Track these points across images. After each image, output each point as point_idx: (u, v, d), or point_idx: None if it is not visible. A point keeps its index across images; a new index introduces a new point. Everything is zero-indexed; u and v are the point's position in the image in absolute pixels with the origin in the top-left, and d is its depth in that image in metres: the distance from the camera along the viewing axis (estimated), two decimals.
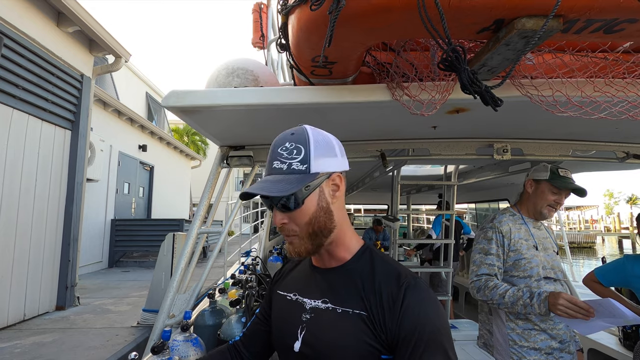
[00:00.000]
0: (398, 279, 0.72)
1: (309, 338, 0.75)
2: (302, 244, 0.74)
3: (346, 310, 0.72)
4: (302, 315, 0.78)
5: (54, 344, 3.25)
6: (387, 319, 0.68)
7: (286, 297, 0.86)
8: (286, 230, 0.75)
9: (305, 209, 0.74)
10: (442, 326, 0.68)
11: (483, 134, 2.01)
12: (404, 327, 0.67)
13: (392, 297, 0.69)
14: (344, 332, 0.70)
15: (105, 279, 6.61)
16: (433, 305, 0.70)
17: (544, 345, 1.50)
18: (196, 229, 2.01)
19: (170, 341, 1.35)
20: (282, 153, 0.74)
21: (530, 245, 1.59)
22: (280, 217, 0.74)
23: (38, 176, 4.25)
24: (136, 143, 9.66)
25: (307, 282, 0.84)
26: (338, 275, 0.79)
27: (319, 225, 0.74)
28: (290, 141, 0.75)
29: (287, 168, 0.72)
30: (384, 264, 0.78)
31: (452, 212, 3.72)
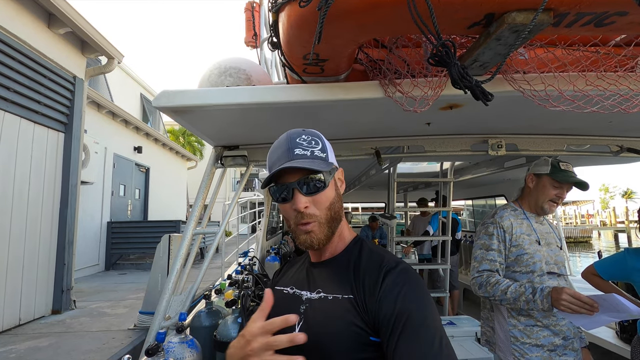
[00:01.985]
0: (380, 263, 0.75)
1: (305, 328, 0.76)
2: (321, 230, 0.77)
3: (336, 296, 0.75)
4: (299, 308, 0.80)
5: (49, 348, 3.22)
6: (368, 301, 0.71)
7: (283, 291, 0.88)
8: (307, 216, 0.76)
9: (328, 192, 0.79)
10: (423, 308, 0.68)
11: (477, 129, 2.01)
12: (382, 309, 0.68)
13: (373, 280, 0.72)
14: (335, 317, 0.73)
15: (101, 282, 6.57)
16: (414, 287, 0.71)
17: (546, 342, 1.47)
18: (191, 230, 2.00)
19: (165, 343, 1.34)
20: (302, 142, 0.78)
21: (532, 240, 1.57)
22: (304, 201, 0.75)
23: (31, 180, 4.21)
24: (131, 145, 9.60)
25: (304, 276, 0.87)
26: (331, 266, 0.82)
27: (335, 211, 0.79)
28: (306, 134, 0.81)
29: (310, 154, 0.77)
30: (371, 252, 0.81)
31: (448, 208, 3.73)
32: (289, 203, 0.77)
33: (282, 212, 0.83)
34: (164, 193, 11.56)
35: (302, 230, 0.77)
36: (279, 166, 0.75)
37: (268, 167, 0.82)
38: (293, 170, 0.76)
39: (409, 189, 5.50)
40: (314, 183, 0.76)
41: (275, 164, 0.77)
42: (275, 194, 0.80)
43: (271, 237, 5.29)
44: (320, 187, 0.77)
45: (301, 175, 0.76)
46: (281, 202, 0.80)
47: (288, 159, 0.76)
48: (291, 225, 0.81)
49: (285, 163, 0.75)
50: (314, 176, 0.76)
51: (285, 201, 0.78)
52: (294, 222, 0.79)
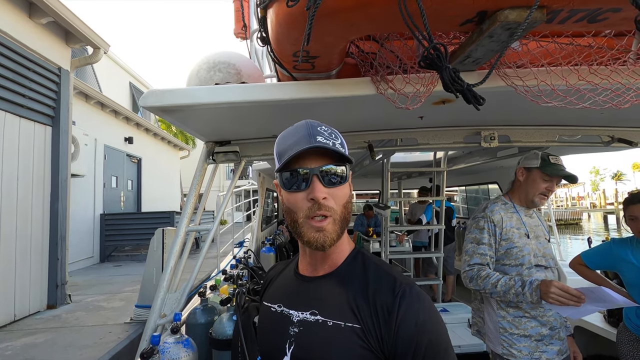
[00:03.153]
0: (393, 288, 0.68)
1: (299, 353, 0.70)
2: (334, 229, 0.69)
3: (338, 324, 0.68)
4: (289, 329, 0.73)
5: (45, 344, 3.23)
6: (383, 331, 0.65)
7: (270, 309, 0.81)
8: (324, 208, 0.68)
9: (346, 188, 0.73)
10: (441, 335, 0.65)
11: (470, 122, 2.00)
12: (401, 339, 0.63)
13: (387, 308, 0.65)
14: (338, 347, 0.66)
15: (97, 275, 6.56)
16: (430, 313, 0.66)
17: (534, 332, 1.52)
18: (184, 227, 1.99)
19: (160, 344, 1.35)
20: (323, 132, 0.71)
21: (522, 234, 1.60)
22: (324, 191, 0.68)
23: (20, 175, 4.14)
24: (122, 135, 9.45)
25: (292, 292, 0.79)
26: (327, 283, 0.74)
27: (348, 210, 0.73)
28: (325, 126, 0.74)
29: (332, 145, 0.69)
30: (377, 270, 0.73)
31: (442, 197, 3.76)
32: (304, 192, 0.69)
33: (289, 204, 0.72)
34: (157, 183, 11.47)
35: (315, 226, 0.68)
36: (300, 148, 0.67)
37: (279, 153, 0.73)
38: (315, 155, 0.69)
39: (403, 177, 5.52)
40: (335, 175, 0.70)
41: (293, 147, 0.69)
42: (288, 181, 0.71)
43: (266, 227, 5.30)
44: (342, 181, 0.70)
45: (323, 162, 0.69)
46: (293, 191, 0.70)
47: (306, 145, 0.68)
48: (299, 219, 0.70)
49: (311, 144, 0.68)
50: (336, 168, 0.70)
51: (297, 189, 0.70)
52: (304, 215, 0.69)
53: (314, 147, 0.68)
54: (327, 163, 0.70)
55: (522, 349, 1.51)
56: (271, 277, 0.91)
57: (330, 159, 0.70)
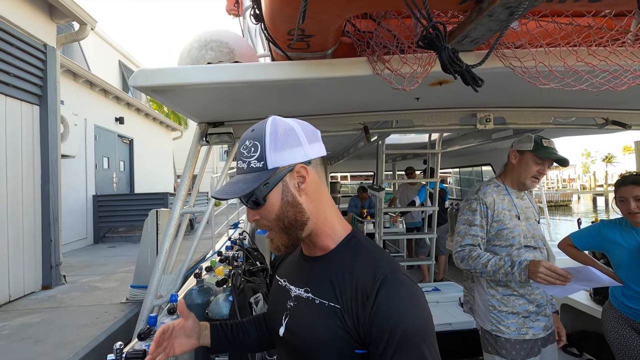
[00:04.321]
0: (375, 273, 0.68)
1: (291, 325, 0.76)
2: (279, 238, 0.74)
3: (323, 302, 0.71)
4: (287, 302, 0.79)
5: (42, 324, 3.25)
6: (359, 315, 0.66)
7: (278, 282, 0.87)
8: (260, 226, 0.75)
9: (269, 205, 0.73)
10: (419, 325, 0.64)
11: (466, 103, 1.99)
12: (375, 325, 0.64)
13: (366, 292, 0.66)
14: (320, 324, 0.70)
15: (91, 256, 6.57)
16: (410, 302, 0.66)
17: (521, 310, 1.58)
18: (179, 209, 1.98)
19: (157, 325, 1.36)
20: (243, 152, 0.73)
21: (512, 216, 1.63)
22: (252, 214, 0.75)
23: (8, 156, 4.05)
24: (112, 115, 9.25)
25: (295, 269, 0.85)
26: (321, 265, 0.77)
27: (288, 220, 0.73)
28: (250, 139, 0.73)
29: (247, 167, 0.72)
30: (366, 254, 0.74)
31: (436, 179, 3.78)
32: None
33: None
34: (150, 165, 11.35)
35: (267, 237, 0.77)
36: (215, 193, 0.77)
37: None
38: None
39: (398, 158, 5.53)
40: (250, 200, 0.72)
41: None
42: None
43: None
44: (258, 204, 0.72)
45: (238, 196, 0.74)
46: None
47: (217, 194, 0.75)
48: None
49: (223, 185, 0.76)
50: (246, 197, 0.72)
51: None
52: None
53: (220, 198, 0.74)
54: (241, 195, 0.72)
55: (510, 325, 1.57)
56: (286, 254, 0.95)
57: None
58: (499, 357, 1.57)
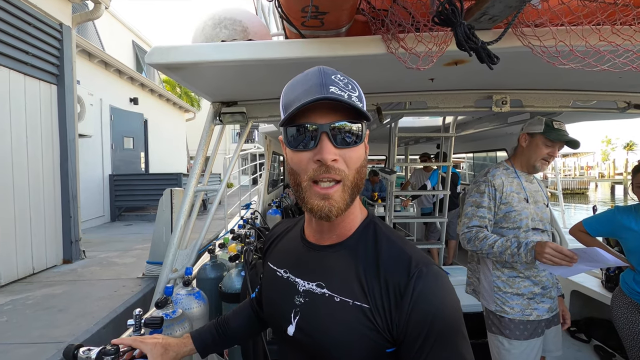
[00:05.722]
0: (408, 267, 0.62)
1: (304, 325, 0.68)
2: (343, 197, 0.62)
3: (345, 301, 0.63)
4: (295, 298, 0.70)
5: (64, 295, 3.42)
6: (393, 314, 0.60)
7: (276, 273, 0.77)
8: (333, 171, 0.60)
9: (361, 150, 0.63)
10: (456, 319, 0.60)
11: (482, 85, 1.95)
12: (413, 324, 0.59)
13: (400, 289, 0.60)
14: (344, 325, 0.62)
15: (108, 233, 6.79)
16: (446, 294, 0.61)
17: (526, 291, 1.60)
18: (192, 188, 2.02)
19: (173, 295, 1.42)
20: (338, 82, 0.61)
21: (521, 198, 1.63)
22: (333, 152, 0.60)
23: (28, 134, 4.17)
24: (127, 96, 9.35)
25: (299, 258, 0.74)
26: (336, 255, 0.68)
27: (361, 176, 0.64)
28: (341, 74, 0.64)
29: (347, 98, 0.59)
30: (391, 245, 0.66)
31: (448, 163, 3.74)
32: (310, 152, 0.61)
33: (294, 164, 0.64)
34: (163, 146, 11.50)
35: (320, 193, 0.61)
36: (310, 98, 0.58)
37: (285, 105, 0.64)
38: (327, 109, 0.60)
39: (410, 142, 5.47)
40: (349, 134, 0.60)
41: (301, 98, 0.59)
42: (294, 138, 0.62)
43: (272, 189, 5.36)
44: (357, 141, 0.61)
45: (336, 118, 0.60)
46: (297, 149, 0.62)
47: (321, 95, 0.58)
48: (302, 182, 0.62)
49: (322, 95, 0.58)
50: (350, 125, 0.60)
51: (304, 148, 0.61)
52: (308, 178, 0.61)
53: (325, 99, 0.57)
54: (340, 119, 0.60)
55: (514, 306, 1.60)
56: (275, 236, 0.87)
57: (344, 114, 0.61)
58: (503, 337, 1.60)
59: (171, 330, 1.20)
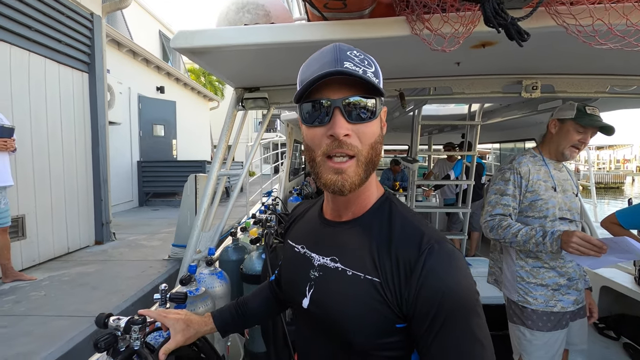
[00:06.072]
0: (419, 243, 0.61)
1: (317, 298, 0.70)
2: (357, 173, 0.62)
3: (357, 274, 0.64)
4: (310, 272, 0.72)
5: (96, 274, 3.62)
6: (402, 289, 0.60)
7: (294, 249, 0.80)
8: (346, 146, 0.60)
9: (375, 125, 0.63)
10: (468, 300, 0.58)
11: (511, 69, 1.87)
12: (421, 299, 0.58)
13: (410, 265, 0.60)
14: (355, 298, 0.63)
15: (136, 217, 7.07)
16: (458, 273, 0.59)
17: (551, 282, 1.55)
18: (215, 172, 2.07)
19: (197, 274, 1.47)
20: (353, 58, 0.61)
21: (548, 187, 1.57)
22: (346, 127, 0.60)
23: (62, 120, 4.36)
24: (153, 85, 9.59)
25: (316, 235, 0.76)
26: (350, 231, 0.69)
27: (376, 152, 0.64)
28: (357, 50, 0.63)
29: (362, 73, 0.59)
30: (405, 222, 0.66)
31: (473, 153, 3.64)
32: (323, 127, 0.61)
33: (308, 139, 0.64)
34: (188, 134, 11.76)
35: (333, 167, 0.61)
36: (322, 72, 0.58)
37: (301, 82, 0.65)
38: (340, 84, 0.60)
39: (434, 131, 5.35)
40: (363, 109, 0.60)
41: (315, 74, 0.60)
42: (308, 114, 0.63)
43: (294, 178, 5.41)
44: (369, 117, 0.61)
45: (348, 93, 0.60)
46: (312, 125, 0.63)
47: (333, 69, 0.59)
48: (316, 158, 0.63)
49: (334, 69, 0.58)
50: (364, 100, 0.60)
51: (318, 123, 0.62)
52: (322, 153, 0.62)
53: (337, 73, 0.58)
54: (354, 94, 0.60)
55: (537, 297, 1.55)
56: (295, 216, 0.90)
57: (359, 90, 0.60)
58: (524, 327, 1.57)
59: (194, 307, 1.25)
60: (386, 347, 0.64)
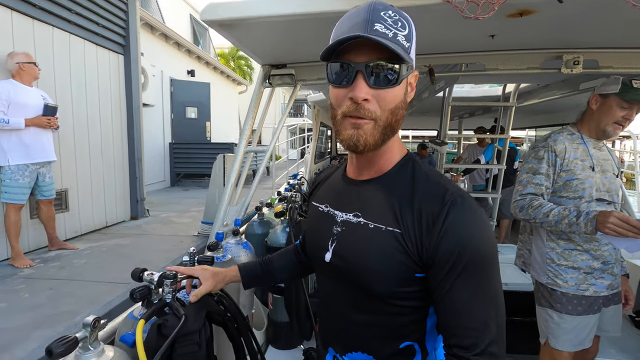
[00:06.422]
0: (443, 196, 0.62)
1: (339, 250, 0.72)
2: (373, 133, 0.63)
3: (379, 227, 0.66)
4: (333, 228, 0.74)
5: (131, 246, 3.85)
6: (423, 239, 0.62)
7: (318, 208, 0.82)
8: (363, 111, 0.61)
9: (398, 91, 0.63)
10: (487, 251, 0.60)
11: (550, 43, 1.76)
12: (442, 248, 0.60)
13: (433, 217, 0.61)
14: (375, 248, 0.66)
15: (168, 196, 7.37)
16: (480, 226, 0.61)
17: (583, 265, 1.48)
18: (242, 148, 2.11)
19: (224, 243, 1.53)
20: (386, 18, 0.60)
21: (586, 166, 1.48)
22: (366, 91, 0.60)
23: (100, 100, 4.56)
24: (184, 68, 9.80)
25: (339, 194, 0.78)
26: (373, 188, 0.71)
27: (396, 118, 0.64)
28: (393, 10, 0.62)
29: (392, 37, 0.59)
30: (428, 179, 0.67)
31: (506, 136, 3.48)
32: (346, 89, 0.62)
33: (332, 98, 0.66)
34: (217, 117, 11.98)
35: (351, 123, 0.63)
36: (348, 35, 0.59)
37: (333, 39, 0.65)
38: (364, 47, 0.60)
39: (465, 115, 5.16)
40: (386, 73, 0.60)
41: (345, 34, 0.60)
42: (335, 74, 0.64)
43: (319, 160, 5.42)
44: (392, 81, 0.61)
45: (373, 57, 0.60)
46: (336, 85, 0.64)
47: (363, 32, 0.58)
48: (337, 116, 0.65)
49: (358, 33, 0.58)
50: (388, 64, 0.60)
51: (341, 84, 0.63)
52: (342, 113, 0.64)
53: (362, 38, 0.58)
54: (378, 58, 0.59)
55: (568, 280, 1.49)
56: (320, 180, 0.92)
57: (384, 54, 0.59)
58: (552, 311, 1.52)
59: None
60: (405, 297, 0.66)
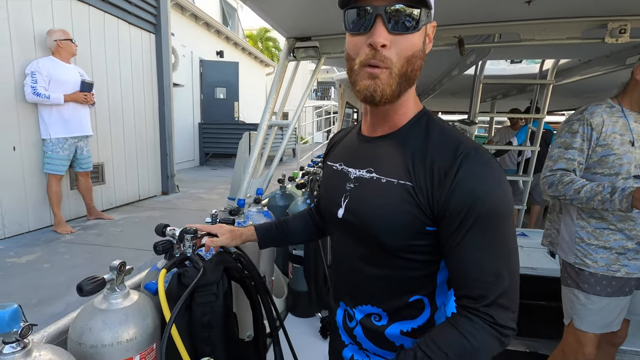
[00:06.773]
0: (456, 149, 0.61)
1: (351, 205, 0.73)
2: (389, 83, 0.62)
3: (391, 181, 0.66)
4: (346, 184, 0.75)
5: (161, 218, 4.05)
6: (434, 192, 0.61)
7: (332, 167, 0.82)
8: (380, 58, 0.60)
9: (416, 39, 0.62)
10: (499, 207, 0.59)
11: (593, 10, 1.64)
12: (453, 201, 0.59)
13: (445, 170, 0.60)
14: (387, 201, 0.66)
15: (197, 174, 7.62)
16: (493, 180, 0.59)
17: (616, 245, 1.40)
18: (266, 122, 2.14)
19: (245, 210, 1.57)
20: None
21: (625, 141, 1.38)
22: (385, 37, 0.59)
23: (133, 80, 4.72)
24: (214, 49, 9.90)
25: (353, 151, 0.78)
26: (386, 144, 0.70)
27: (412, 67, 0.63)
28: None
29: None
30: (442, 133, 0.66)
31: (542, 115, 3.31)
32: (364, 35, 0.61)
33: (349, 48, 0.65)
34: (245, 97, 12.10)
35: (368, 72, 0.61)
36: None
37: None
38: None
39: (498, 96, 4.93)
40: (405, 19, 0.59)
41: None
42: (352, 22, 0.62)
43: None
44: (410, 27, 0.59)
45: (392, 1, 0.59)
46: (353, 32, 0.63)
47: None
48: (354, 66, 0.64)
49: None
50: (408, 9, 0.59)
51: (358, 31, 0.62)
52: (359, 62, 0.62)
53: None
54: (397, 1, 0.58)
55: (598, 260, 1.42)
56: (335, 140, 0.91)
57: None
58: (579, 291, 1.46)
59: None
60: (416, 250, 0.66)
